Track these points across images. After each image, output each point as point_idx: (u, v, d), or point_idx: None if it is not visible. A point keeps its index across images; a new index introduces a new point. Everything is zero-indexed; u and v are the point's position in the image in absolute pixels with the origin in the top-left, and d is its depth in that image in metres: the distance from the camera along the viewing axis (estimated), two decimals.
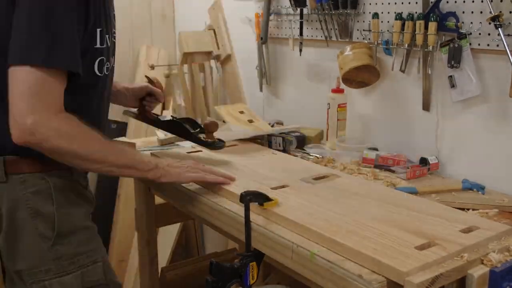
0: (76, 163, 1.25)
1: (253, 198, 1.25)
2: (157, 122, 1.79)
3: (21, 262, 1.31)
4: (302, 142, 1.96)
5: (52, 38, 1.15)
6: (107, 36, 1.31)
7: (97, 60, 1.29)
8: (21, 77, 1.14)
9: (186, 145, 1.94)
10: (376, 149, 1.80)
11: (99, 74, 1.31)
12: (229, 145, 1.88)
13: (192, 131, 1.70)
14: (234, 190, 1.39)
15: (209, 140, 1.67)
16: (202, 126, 1.71)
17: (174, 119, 1.76)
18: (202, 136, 1.69)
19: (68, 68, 1.20)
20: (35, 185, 1.29)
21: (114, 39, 1.40)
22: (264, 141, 1.95)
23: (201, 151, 1.82)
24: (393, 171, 1.67)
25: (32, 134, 1.14)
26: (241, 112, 2.09)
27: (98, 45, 1.28)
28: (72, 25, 1.19)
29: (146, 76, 1.80)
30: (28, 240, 1.29)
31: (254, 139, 1.97)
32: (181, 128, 1.72)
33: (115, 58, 1.43)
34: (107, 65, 1.34)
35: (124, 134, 2.86)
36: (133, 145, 1.95)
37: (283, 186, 1.44)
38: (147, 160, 1.37)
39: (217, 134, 1.72)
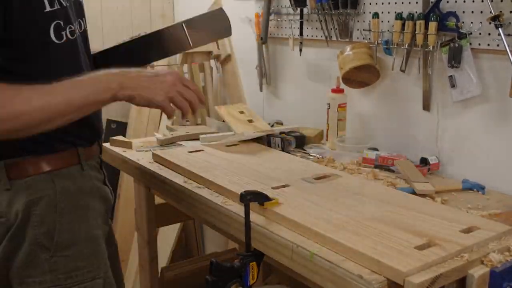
0: (32, 132, 1.09)
1: (253, 197, 1.25)
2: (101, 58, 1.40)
3: (16, 271, 1.20)
4: (301, 142, 1.96)
5: None
6: None
7: (52, 25, 1.14)
8: None
9: (187, 145, 1.94)
10: (376, 149, 1.80)
11: (57, 41, 1.15)
12: (230, 145, 1.89)
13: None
14: (235, 189, 1.39)
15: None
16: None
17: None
18: None
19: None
20: (41, 189, 1.18)
21: None
22: (264, 141, 1.95)
23: (202, 150, 1.82)
24: (393, 171, 1.67)
25: None
26: (241, 112, 2.09)
27: (48, 9, 1.12)
28: None
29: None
30: (28, 249, 1.19)
31: (255, 139, 1.97)
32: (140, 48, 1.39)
33: (84, 19, 1.28)
34: (70, 28, 1.18)
35: (124, 134, 2.86)
36: (129, 144, 1.94)
37: (284, 186, 1.44)
38: (101, 89, 1.13)
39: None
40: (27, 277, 1.19)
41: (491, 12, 1.46)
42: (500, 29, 1.43)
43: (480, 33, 1.54)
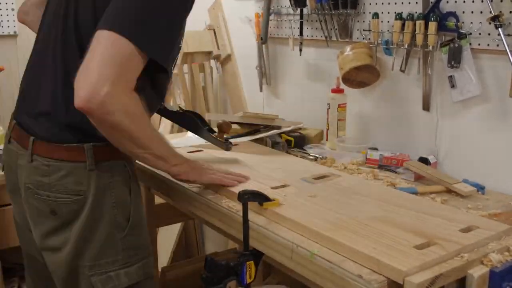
0: (123, 143, 1.22)
1: (251, 197, 1.25)
2: (164, 112, 1.65)
3: (90, 253, 1.27)
4: (302, 142, 1.96)
5: (160, 29, 1.18)
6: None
7: (176, 58, 1.34)
8: (116, 45, 1.11)
9: (188, 145, 1.94)
10: (376, 149, 1.80)
11: (172, 71, 1.35)
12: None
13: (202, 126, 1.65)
14: (234, 189, 1.39)
15: (220, 139, 1.64)
16: (210, 125, 1.68)
17: (182, 110, 1.67)
18: (214, 134, 1.66)
19: (161, 62, 1.20)
20: (120, 173, 1.29)
21: None
22: (264, 141, 1.95)
23: (202, 150, 1.82)
24: (395, 172, 1.67)
25: (102, 104, 1.09)
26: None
27: (181, 44, 1.33)
28: (181, 24, 1.25)
29: None
30: (105, 229, 1.27)
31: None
32: (191, 121, 1.64)
33: None
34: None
35: None
36: None
37: (283, 186, 1.45)
38: (178, 154, 1.38)
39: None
40: (101, 258, 1.28)
41: (491, 12, 1.46)
42: (500, 29, 1.44)
43: (480, 33, 1.54)
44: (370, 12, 1.86)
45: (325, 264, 1.06)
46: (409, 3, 1.74)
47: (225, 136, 1.68)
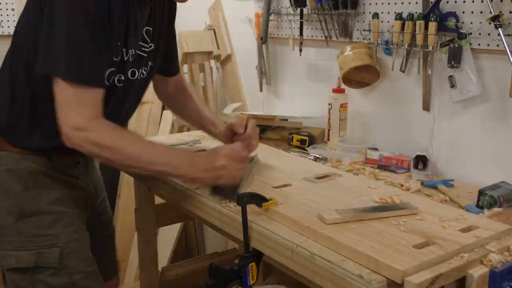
0: (114, 165, 1.36)
1: (250, 199, 1.25)
2: None
3: None
4: (312, 141, 1.96)
5: (82, 57, 1.26)
6: (124, 50, 1.37)
7: (108, 71, 1.36)
8: (60, 90, 1.26)
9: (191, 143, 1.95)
10: (376, 149, 1.80)
11: (107, 83, 1.37)
12: None
13: None
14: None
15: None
16: None
17: None
18: None
19: (96, 84, 1.29)
20: (9, 164, 1.41)
21: (142, 52, 1.46)
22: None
23: (205, 150, 1.82)
24: (394, 172, 1.67)
25: (69, 140, 1.28)
26: None
27: (114, 58, 1.36)
28: (95, 43, 1.27)
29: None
30: None
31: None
32: None
33: (143, 69, 1.49)
34: (120, 76, 1.41)
35: None
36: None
37: (285, 185, 1.45)
38: (179, 163, 1.35)
39: None
40: (1, 235, 1.42)
41: (491, 12, 1.46)
42: (500, 29, 1.44)
43: (480, 33, 1.54)
44: (370, 12, 1.86)
45: (325, 264, 1.06)
46: (409, 3, 1.74)
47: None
